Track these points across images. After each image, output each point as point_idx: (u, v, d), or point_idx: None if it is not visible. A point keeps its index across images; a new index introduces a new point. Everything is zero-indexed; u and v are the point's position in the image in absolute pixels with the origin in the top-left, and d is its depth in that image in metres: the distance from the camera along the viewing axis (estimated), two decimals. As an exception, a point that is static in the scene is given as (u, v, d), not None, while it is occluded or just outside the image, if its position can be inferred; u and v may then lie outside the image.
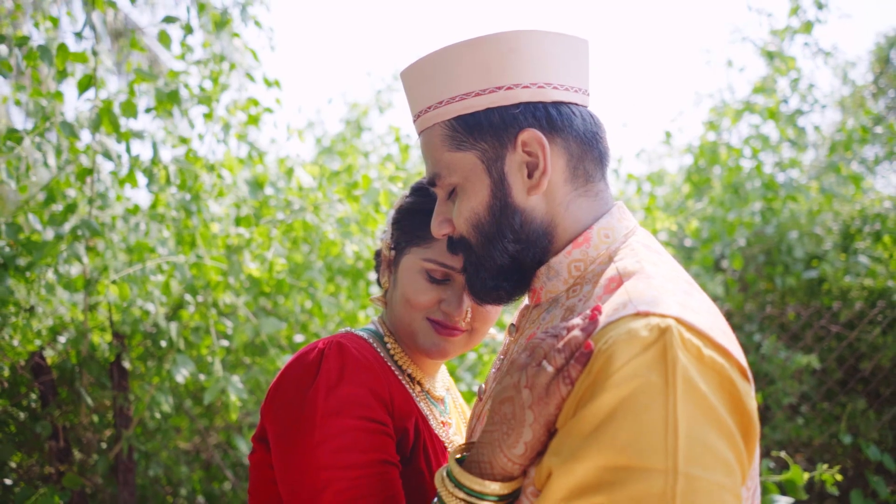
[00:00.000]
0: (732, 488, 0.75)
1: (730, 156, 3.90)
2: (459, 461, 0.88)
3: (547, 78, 0.94)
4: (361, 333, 1.18)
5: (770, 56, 4.43)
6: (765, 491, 2.43)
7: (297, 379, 1.04)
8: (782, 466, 2.88)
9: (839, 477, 2.44)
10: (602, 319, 0.82)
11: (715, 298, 3.55)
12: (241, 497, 3.27)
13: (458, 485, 0.84)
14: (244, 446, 3.18)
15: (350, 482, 0.96)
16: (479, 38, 0.94)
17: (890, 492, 3.01)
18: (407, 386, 1.16)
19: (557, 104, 0.95)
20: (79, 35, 2.12)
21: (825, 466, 2.47)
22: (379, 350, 1.16)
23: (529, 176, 0.94)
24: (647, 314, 0.79)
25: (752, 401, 0.80)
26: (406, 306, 1.15)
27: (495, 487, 0.82)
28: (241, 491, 3.15)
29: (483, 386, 1.10)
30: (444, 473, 0.87)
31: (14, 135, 2.08)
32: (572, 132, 0.95)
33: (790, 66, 4.34)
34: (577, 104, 0.97)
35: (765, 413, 3.26)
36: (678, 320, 0.78)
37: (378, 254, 1.28)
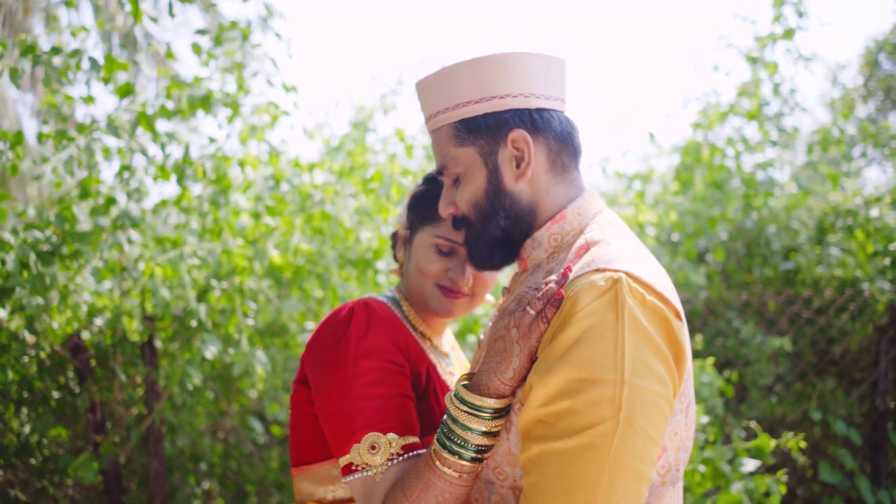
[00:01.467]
0: (665, 396, 1.00)
1: (713, 155, 4.15)
2: (464, 386, 1.13)
3: (531, 89, 1.20)
4: (381, 298, 1.43)
5: (753, 61, 4.69)
6: (735, 456, 2.68)
7: (332, 331, 1.30)
8: (753, 436, 3.12)
9: (803, 444, 2.70)
10: (571, 275, 1.08)
11: (698, 288, 3.81)
12: (258, 471, 3.53)
13: (463, 401, 1.10)
14: (259, 426, 3.44)
15: (378, 409, 1.21)
16: (478, 58, 1.19)
17: (855, 464, 3.27)
18: (419, 340, 1.42)
19: (540, 110, 1.20)
20: (123, 45, 2.37)
21: (790, 434, 2.73)
22: (396, 312, 1.42)
23: (517, 167, 1.19)
24: (604, 270, 1.04)
25: (682, 335, 1.05)
26: (419, 275, 1.41)
27: (491, 402, 1.08)
28: (258, 462, 3.40)
29: (481, 337, 1.35)
30: (452, 394, 1.13)
31: (66, 136, 2.33)
32: (552, 132, 1.20)
33: (772, 70, 4.61)
34: (555, 110, 1.22)
35: (742, 392, 3.52)
36: (627, 274, 1.03)
37: (394, 234, 1.54)
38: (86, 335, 3.01)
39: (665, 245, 4.08)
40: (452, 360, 1.53)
